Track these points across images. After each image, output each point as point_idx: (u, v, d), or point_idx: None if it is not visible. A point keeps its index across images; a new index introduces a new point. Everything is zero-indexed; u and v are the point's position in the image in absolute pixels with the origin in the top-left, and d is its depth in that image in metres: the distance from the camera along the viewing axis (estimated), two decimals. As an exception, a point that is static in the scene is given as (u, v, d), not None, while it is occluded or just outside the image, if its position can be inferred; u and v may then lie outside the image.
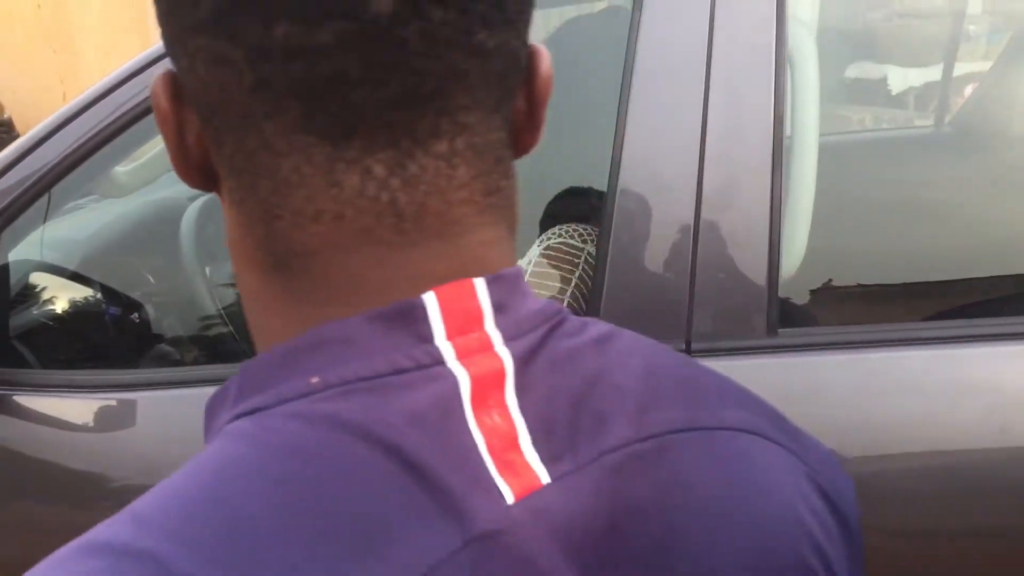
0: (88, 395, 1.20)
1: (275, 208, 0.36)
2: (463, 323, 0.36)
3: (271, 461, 0.34)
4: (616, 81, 1.11)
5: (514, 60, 0.37)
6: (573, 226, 1.30)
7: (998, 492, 1.05)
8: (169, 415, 1.19)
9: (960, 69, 2.50)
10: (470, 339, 0.36)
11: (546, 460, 0.37)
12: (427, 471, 0.34)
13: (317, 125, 0.34)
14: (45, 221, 1.26)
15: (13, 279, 1.42)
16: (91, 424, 1.20)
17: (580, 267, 1.25)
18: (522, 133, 0.40)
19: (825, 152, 1.23)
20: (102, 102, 1.15)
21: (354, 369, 0.35)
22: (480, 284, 0.37)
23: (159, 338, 1.63)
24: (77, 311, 1.49)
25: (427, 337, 0.36)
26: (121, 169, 1.37)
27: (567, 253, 1.27)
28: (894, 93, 3.38)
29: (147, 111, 1.13)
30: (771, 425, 0.45)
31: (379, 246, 0.36)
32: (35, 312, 1.43)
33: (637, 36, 1.10)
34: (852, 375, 1.07)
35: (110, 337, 1.54)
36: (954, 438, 1.04)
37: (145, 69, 1.16)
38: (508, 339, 0.37)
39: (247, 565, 0.31)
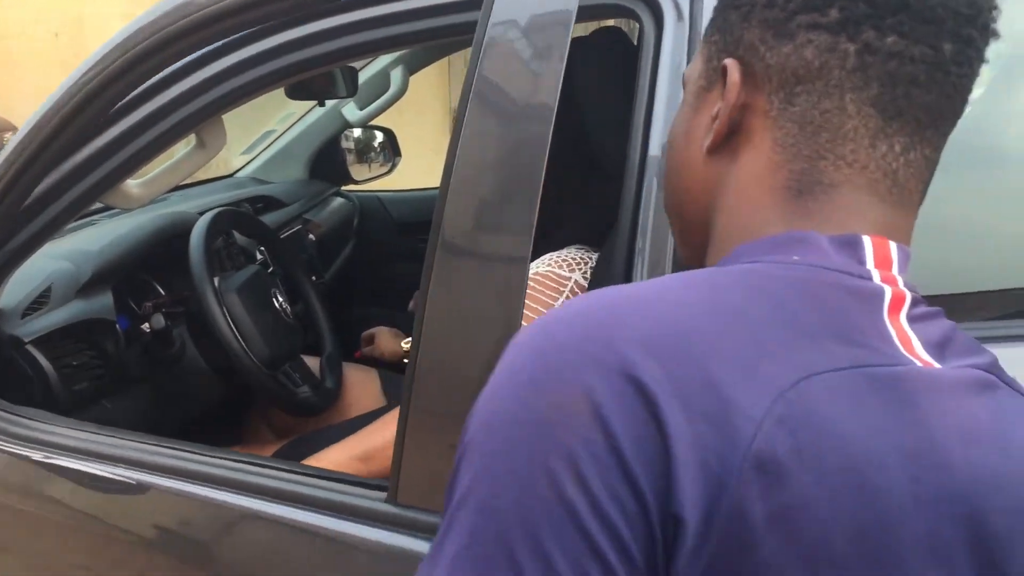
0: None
1: (825, 152, 0.53)
2: (881, 261, 0.52)
3: (756, 280, 0.49)
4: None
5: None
6: (565, 252, 1.22)
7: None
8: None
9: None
10: (886, 273, 0.52)
11: (933, 357, 0.50)
12: (846, 320, 0.48)
13: (881, 104, 0.51)
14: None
15: (30, 287, 1.46)
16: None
17: (564, 295, 1.16)
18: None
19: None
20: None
21: (819, 260, 0.51)
22: (892, 244, 0.53)
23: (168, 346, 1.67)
24: (89, 319, 1.54)
25: (862, 260, 0.52)
26: (133, 182, 1.42)
27: (554, 281, 1.17)
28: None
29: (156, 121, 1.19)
30: None
31: (873, 196, 0.53)
32: (48, 318, 1.47)
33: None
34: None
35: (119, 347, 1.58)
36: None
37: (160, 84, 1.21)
38: (904, 284, 0.52)
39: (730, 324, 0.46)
